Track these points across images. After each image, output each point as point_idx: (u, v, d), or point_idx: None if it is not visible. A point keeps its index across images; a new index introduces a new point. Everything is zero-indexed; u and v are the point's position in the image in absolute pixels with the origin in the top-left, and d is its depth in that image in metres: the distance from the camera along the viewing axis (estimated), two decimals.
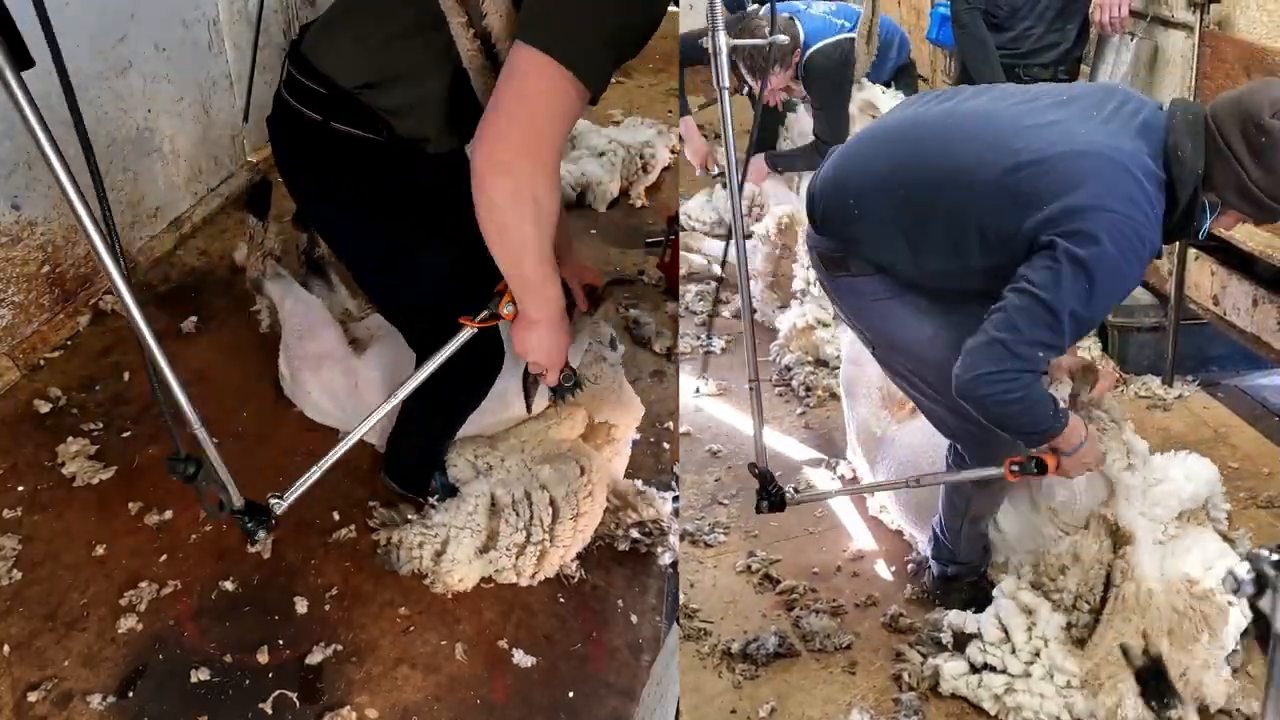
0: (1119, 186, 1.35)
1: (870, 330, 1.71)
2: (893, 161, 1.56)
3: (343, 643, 1.76)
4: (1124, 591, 1.66)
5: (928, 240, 1.52)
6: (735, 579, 2.02)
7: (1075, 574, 1.72)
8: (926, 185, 1.50)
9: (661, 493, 2.13)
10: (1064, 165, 1.37)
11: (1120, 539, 1.73)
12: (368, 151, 1.56)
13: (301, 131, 1.58)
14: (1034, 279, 1.36)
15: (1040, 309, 1.35)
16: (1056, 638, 1.69)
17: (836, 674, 1.78)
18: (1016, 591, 1.77)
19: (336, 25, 1.58)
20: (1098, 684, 1.60)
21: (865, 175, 1.59)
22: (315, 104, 1.55)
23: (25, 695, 1.62)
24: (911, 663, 1.76)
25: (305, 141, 1.60)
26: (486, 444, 2.09)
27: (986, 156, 1.43)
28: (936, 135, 1.53)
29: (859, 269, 1.63)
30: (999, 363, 1.39)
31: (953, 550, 1.87)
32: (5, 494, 2.03)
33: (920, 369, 1.65)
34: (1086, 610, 1.71)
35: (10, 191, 2.36)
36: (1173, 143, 1.38)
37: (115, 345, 2.54)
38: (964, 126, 1.51)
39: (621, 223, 3.52)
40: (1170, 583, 1.68)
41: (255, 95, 3.37)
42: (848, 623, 1.90)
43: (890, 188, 1.54)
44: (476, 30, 1.43)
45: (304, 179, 1.68)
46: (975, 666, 1.70)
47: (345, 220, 1.69)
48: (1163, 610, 1.65)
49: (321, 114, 1.54)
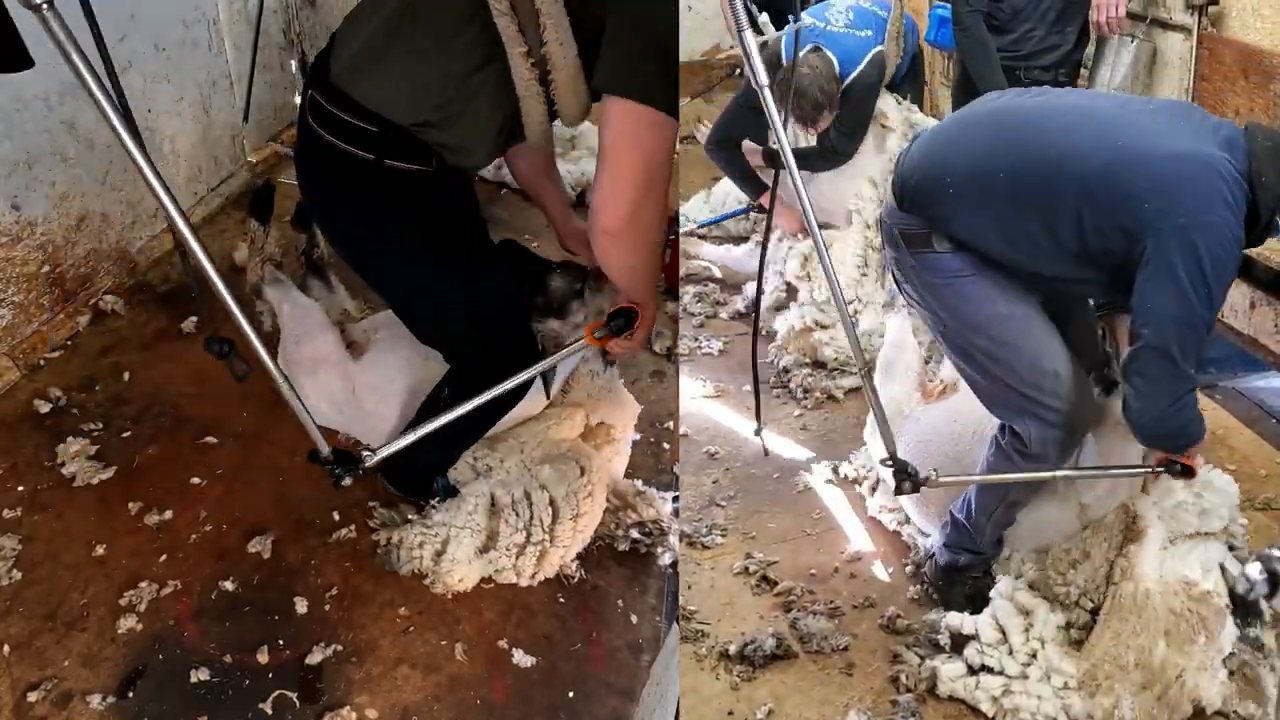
0: (1219, 192, 1.45)
1: (945, 308, 1.73)
2: (993, 145, 1.62)
3: (343, 643, 1.77)
4: (1121, 591, 1.66)
5: (1022, 222, 1.58)
6: (732, 580, 2.02)
7: (1085, 570, 1.73)
8: (1026, 170, 1.56)
9: (661, 493, 2.14)
10: (1167, 165, 1.47)
11: (1130, 534, 1.72)
12: (416, 183, 1.56)
13: (343, 169, 1.55)
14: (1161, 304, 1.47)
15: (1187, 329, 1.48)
16: (1054, 639, 1.69)
17: (834, 675, 1.78)
18: (1014, 593, 1.78)
19: (382, 57, 1.52)
20: (1095, 685, 1.61)
21: (964, 156, 1.64)
22: (366, 143, 1.52)
23: (25, 695, 1.62)
24: (909, 664, 1.77)
25: (347, 178, 1.57)
26: (485, 445, 2.09)
27: (1088, 146, 1.52)
28: (1036, 124, 1.61)
29: (943, 246, 1.68)
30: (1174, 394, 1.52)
31: (974, 537, 1.88)
32: (5, 494, 2.03)
33: (992, 347, 1.69)
34: (1088, 609, 1.72)
35: (10, 191, 2.36)
36: (1257, 168, 1.48)
37: (115, 345, 2.54)
38: (1065, 118, 1.60)
39: None
40: (1168, 584, 1.68)
41: (255, 95, 3.37)
42: (845, 624, 1.89)
43: (990, 170, 1.60)
44: (535, 59, 1.47)
45: (344, 215, 1.65)
46: (973, 668, 1.71)
47: (393, 252, 1.66)
48: (1159, 611, 1.65)
49: (374, 153, 1.52)
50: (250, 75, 3.30)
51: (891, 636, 1.86)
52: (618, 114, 1.41)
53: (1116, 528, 1.76)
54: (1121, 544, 1.74)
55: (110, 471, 2.11)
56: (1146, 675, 1.61)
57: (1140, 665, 1.61)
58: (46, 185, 2.48)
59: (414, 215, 1.61)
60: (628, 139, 1.42)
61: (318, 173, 1.64)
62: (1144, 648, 1.62)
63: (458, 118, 1.52)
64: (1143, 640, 1.62)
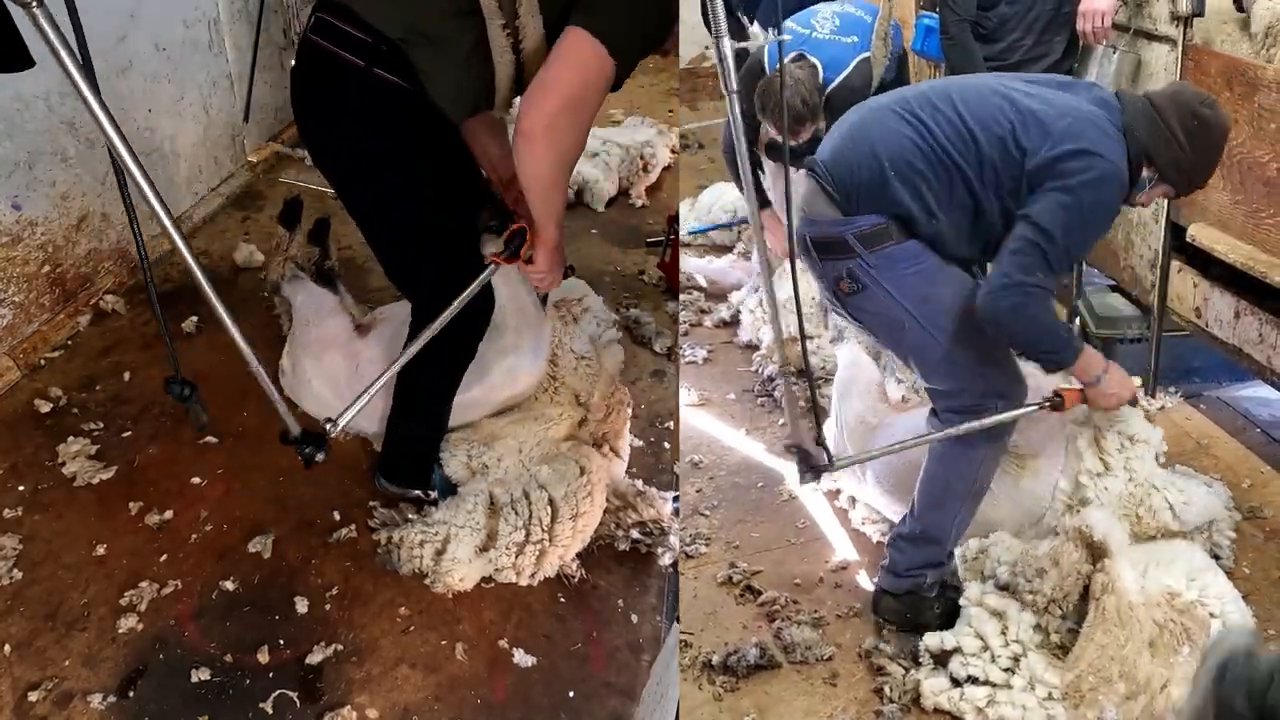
0: (1106, 140, 1.65)
1: (912, 298, 1.74)
2: (914, 125, 1.71)
3: (343, 643, 1.77)
4: (1104, 605, 1.66)
5: (952, 192, 1.69)
6: (716, 590, 2.01)
7: (1053, 578, 1.72)
8: (947, 143, 1.69)
9: (662, 493, 2.14)
10: (1064, 122, 1.66)
11: (1095, 550, 1.74)
12: (400, 100, 1.62)
13: (334, 75, 1.63)
14: (1035, 213, 1.64)
15: (1042, 237, 1.62)
16: (1034, 643, 1.70)
17: (818, 685, 1.77)
18: (982, 598, 1.78)
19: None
20: (1079, 696, 1.61)
21: (890, 138, 1.71)
22: (358, 49, 1.60)
23: (25, 695, 1.63)
24: (893, 676, 1.76)
25: (337, 84, 1.64)
26: (483, 444, 2.10)
27: (998, 115, 1.68)
28: (950, 100, 1.72)
29: (900, 236, 1.72)
30: (1014, 279, 1.64)
31: (939, 549, 1.86)
32: (5, 494, 2.04)
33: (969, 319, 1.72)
34: (1058, 615, 1.72)
35: (10, 191, 2.36)
36: (1128, 122, 1.68)
37: (115, 345, 2.55)
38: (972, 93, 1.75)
39: (621, 222, 3.54)
40: (1150, 595, 1.70)
41: (255, 95, 3.38)
42: (830, 634, 1.87)
43: (918, 148, 1.69)
44: (510, 30, 1.62)
45: (328, 122, 1.70)
46: (957, 680, 1.70)
47: (368, 168, 1.72)
48: (1143, 623, 1.66)
49: (365, 59, 1.60)
50: (250, 75, 3.30)
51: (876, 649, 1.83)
52: (571, 40, 1.56)
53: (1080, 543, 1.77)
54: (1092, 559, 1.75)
55: (110, 471, 2.11)
56: (1131, 686, 1.61)
57: (1125, 676, 1.62)
58: (47, 185, 2.48)
59: (394, 132, 1.66)
60: (572, 58, 1.57)
61: (310, 82, 1.70)
62: (1128, 659, 1.62)
63: (438, 46, 1.62)
64: (1127, 651, 1.63)
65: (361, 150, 1.70)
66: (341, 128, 1.69)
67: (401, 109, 1.64)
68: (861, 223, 1.72)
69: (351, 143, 1.69)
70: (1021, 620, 1.71)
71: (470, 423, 2.16)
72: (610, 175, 3.60)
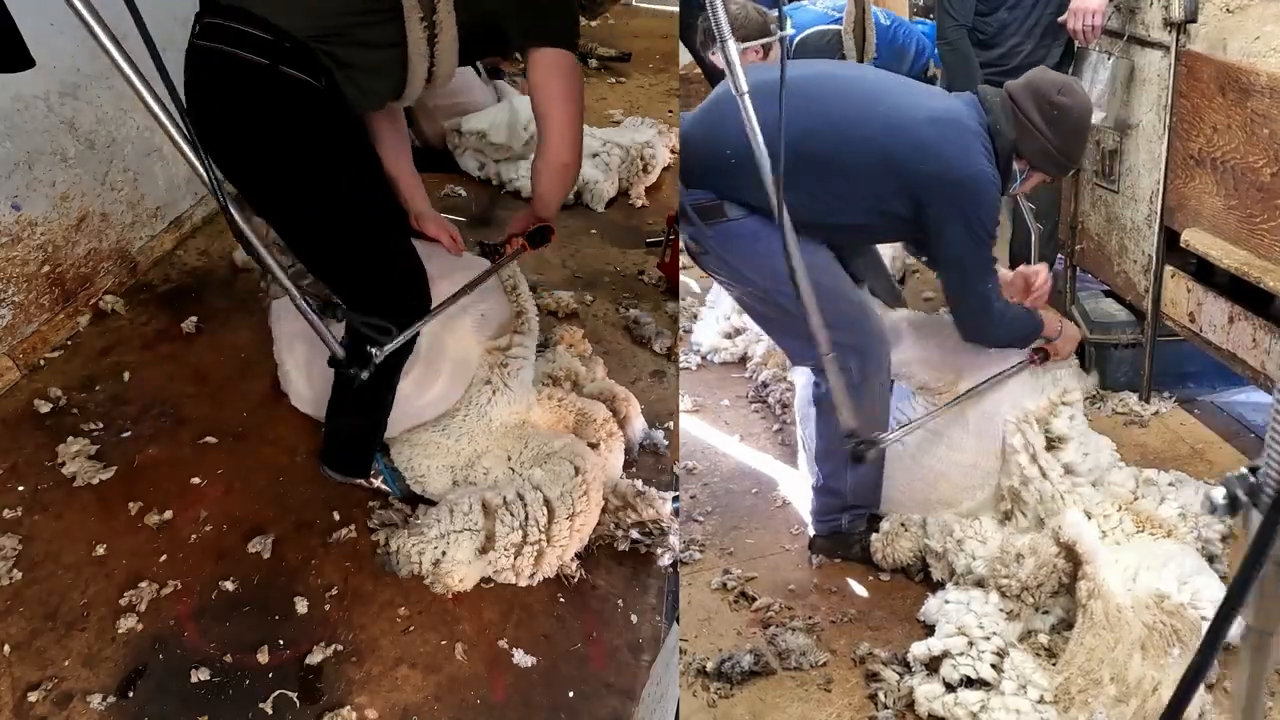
0: (973, 148, 1.72)
1: (753, 270, 1.86)
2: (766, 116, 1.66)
3: (343, 643, 1.78)
4: (1091, 610, 1.68)
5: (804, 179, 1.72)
6: (710, 596, 2.01)
7: (1029, 565, 1.79)
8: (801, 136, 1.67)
9: (661, 493, 2.14)
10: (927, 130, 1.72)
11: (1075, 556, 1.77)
12: (307, 96, 1.62)
13: (234, 77, 1.60)
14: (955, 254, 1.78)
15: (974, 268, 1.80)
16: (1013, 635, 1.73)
17: (812, 692, 1.77)
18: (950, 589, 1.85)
19: None
20: (1069, 699, 1.62)
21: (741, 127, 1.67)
22: (259, 48, 1.58)
23: (25, 695, 1.63)
24: (887, 681, 1.77)
25: (238, 87, 1.61)
26: (467, 460, 2.11)
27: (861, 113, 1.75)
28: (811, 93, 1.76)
29: (736, 213, 1.81)
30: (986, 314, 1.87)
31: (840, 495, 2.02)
32: (5, 494, 2.04)
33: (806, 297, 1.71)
34: (1030, 604, 1.77)
35: (10, 191, 2.36)
36: (992, 119, 1.76)
37: (115, 345, 2.55)
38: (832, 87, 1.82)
39: (621, 223, 3.54)
40: (1139, 598, 1.71)
41: None
42: (824, 640, 1.88)
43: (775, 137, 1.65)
44: (427, 23, 1.68)
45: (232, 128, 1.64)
46: (950, 685, 1.71)
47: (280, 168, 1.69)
48: (1133, 625, 1.67)
49: (268, 58, 1.59)
50: None
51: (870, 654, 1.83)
52: (549, 65, 1.71)
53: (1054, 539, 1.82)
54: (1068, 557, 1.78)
55: (110, 471, 2.11)
56: (1121, 689, 1.63)
57: (1115, 679, 1.63)
58: (47, 185, 2.48)
59: (303, 129, 1.66)
60: (564, 88, 1.74)
61: (207, 91, 1.64)
62: (1118, 661, 1.64)
63: (354, 42, 1.66)
64: (1117, 654, 1.64)
65: (272, 148, 1.67)
66: (248, 135, 1.65)
67: (309, 106, 1.63)
68: (696, 196, 1.83)
69: (261, 142, 1.66)
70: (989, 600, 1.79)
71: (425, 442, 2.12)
72: (610, 175, 3.61)
